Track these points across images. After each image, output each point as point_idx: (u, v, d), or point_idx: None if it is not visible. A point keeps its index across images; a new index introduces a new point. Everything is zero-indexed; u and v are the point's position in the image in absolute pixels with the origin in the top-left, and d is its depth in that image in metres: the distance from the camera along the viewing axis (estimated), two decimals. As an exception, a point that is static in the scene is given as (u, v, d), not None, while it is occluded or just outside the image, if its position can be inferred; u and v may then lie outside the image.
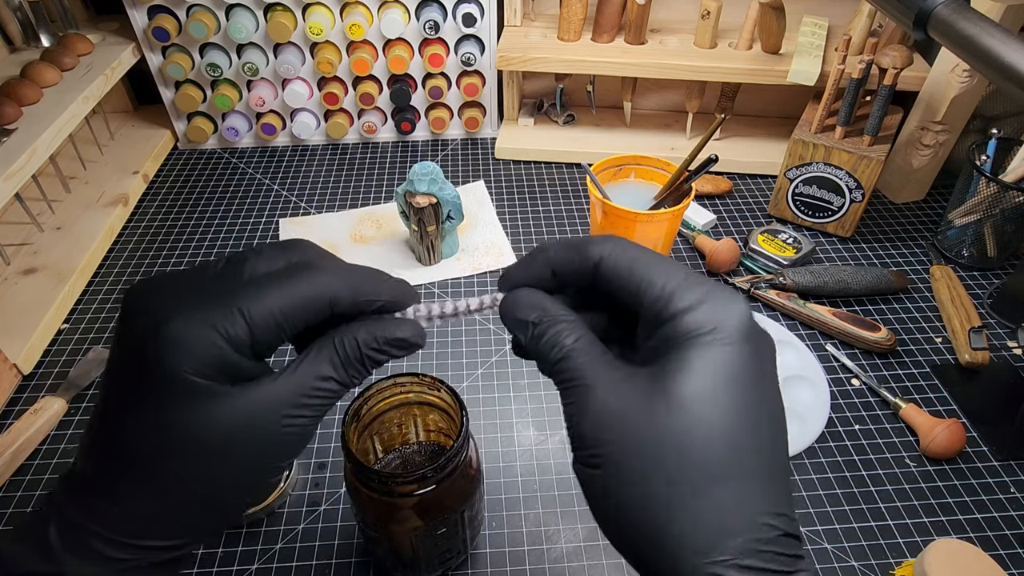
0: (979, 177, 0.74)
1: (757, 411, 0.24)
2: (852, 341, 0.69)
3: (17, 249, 0.78)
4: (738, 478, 0.23)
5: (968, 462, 0.59)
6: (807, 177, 0.81)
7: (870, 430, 0.62)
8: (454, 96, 0.99)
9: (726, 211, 0.88)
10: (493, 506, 0.55)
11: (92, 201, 0.86)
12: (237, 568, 0.51)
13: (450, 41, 0.94)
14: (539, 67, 0.91)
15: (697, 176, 0.65)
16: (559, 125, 1.02)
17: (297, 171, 0.96)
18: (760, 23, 0.87)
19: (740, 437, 0.24)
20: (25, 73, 0.80)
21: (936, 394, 0.65)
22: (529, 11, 0.98)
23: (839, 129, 0.77)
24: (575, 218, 0.87)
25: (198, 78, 0.95)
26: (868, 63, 0.74)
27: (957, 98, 0.79)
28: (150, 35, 0.89)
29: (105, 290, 0.76)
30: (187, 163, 0.98)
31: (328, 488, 0.57)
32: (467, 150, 1.01)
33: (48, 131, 0.73)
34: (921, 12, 0.55)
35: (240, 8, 0.89)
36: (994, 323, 0.72)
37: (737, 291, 0.26)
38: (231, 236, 0.84)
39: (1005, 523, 0.55)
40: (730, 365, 0.24)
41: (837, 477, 0.58)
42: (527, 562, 0.52)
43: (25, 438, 0.58)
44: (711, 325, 0.24)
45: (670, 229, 0.68)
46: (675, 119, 1.04)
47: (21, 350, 0.66)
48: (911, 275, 0.78)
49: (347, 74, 0.95)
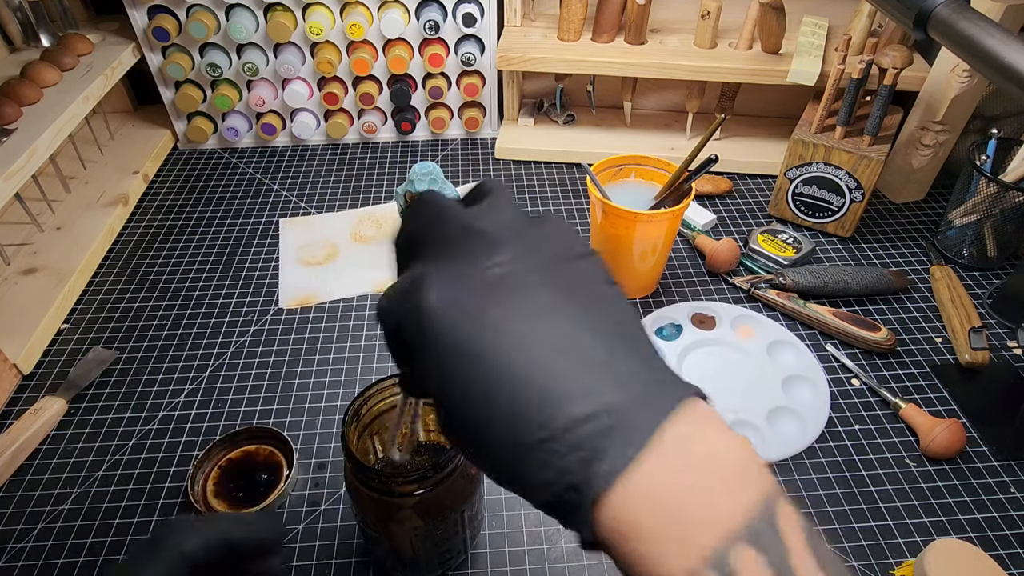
0: (979, 177, 0.74)
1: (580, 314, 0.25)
2: (852, 341, 0.69)
3: (17, 249, 0.78)
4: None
5: (968, 462, 0.59)
6: (807, 177, 0.81)
7: (870, 430, 0.62)
8: (454, 96, 0.99)
9: (726, 211, 0.88)
10: (493, 506, 0.55)
11: (92, 201, 0.86)
12: (237, 568, 0.51)
13: (450, 41, 0.94)
14: (539, 67, 0.91)
15: (697, 176, 0.65)
16: (559, 125, 1.02)
17: (297, 171, 0.96)
18: (760, 23, 0.87)
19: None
20: (25, 73, 0.80)
21: (936, 394, 0.65)
22: (529, 11, 0.98)
23: (839, 129, 0.77)
24: (575, 218, 0.87)
25: (198, 78, 0.95)
26: (868, 63, 0.74)
27: (957, 98, 0.79)
28: (150, 35, 0.89)
29: (105, 290, 0.76)
30: (187, 163, 0.98)
31: (328, 488, 0.57)
32: (467, 150, 1.01)
33: (48, 131, 0.73)
34: (921, 12, 0.55)
35: (240, 8, 0.89)
36: (994, 323, 0.72)
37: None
38: (231, 236, 0.84)
39: (1005, 523, 0.55)
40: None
41: (837, 477, 0.58)
42: (527, 562, 0.52)
43: (25, 438, 0.58)
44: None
45: (670, 229, 0.68)
46: (675, 119, 1.04)
47: (21, 350, 0.66)
48: (911, 275, 0.78)
49: (347, 74, 0.95)
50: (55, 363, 0.68)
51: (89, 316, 0.73)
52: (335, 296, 0.75)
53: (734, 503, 0.22)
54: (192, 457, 0.59)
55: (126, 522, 0.54)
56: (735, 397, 0.63)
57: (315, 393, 0.64)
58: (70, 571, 0.51)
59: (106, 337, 0.71)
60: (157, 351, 0.69)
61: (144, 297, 0.75)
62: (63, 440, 0.61)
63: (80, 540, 0.53)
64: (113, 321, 0.72)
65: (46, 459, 0.59)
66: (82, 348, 0.69)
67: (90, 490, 0.57)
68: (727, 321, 0.71)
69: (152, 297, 0.75)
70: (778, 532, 0.22)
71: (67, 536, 0.53)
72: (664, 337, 0.69)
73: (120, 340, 0.70)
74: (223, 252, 0.82)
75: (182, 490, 0.56)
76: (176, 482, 0.57)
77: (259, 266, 0.79)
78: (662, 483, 0.22)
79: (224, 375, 0.66)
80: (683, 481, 0.22)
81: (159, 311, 0.74)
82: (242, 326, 0.72)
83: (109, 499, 0.56)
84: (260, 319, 0.72)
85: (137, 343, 0.70)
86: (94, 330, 0.71)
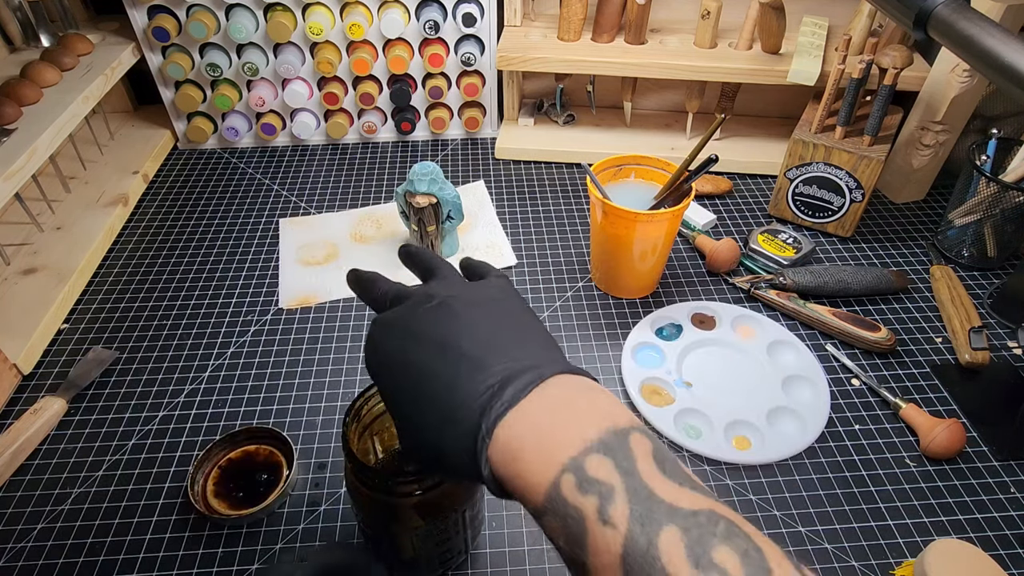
0: (979, 177, 0.74)
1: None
2: (852, 341, 0.69)
3: (17, 249, 0.78)
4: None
5: (968, 462, 0.59)
6: (807, 177, 0.81)
7: (870, 430, 0.62)
8: (454, 96, 0.99)
9: (726, 211, 0.88)
10: (493, 506, 0.55)
11: (92, 201, 0.86)
12: (237, 568, 0.51)
13: (450, 41, 0.94)
14: (539, 67, 0.91)
15: (697, 176, 0.65)
16: (559, 125, 1.02)
17: (297, 171, 0.96)
18: (760, 23, 0.87)
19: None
20: (25, 73, 0.80)
21: (936, 394, 0.65)
22: (529, 11, 0.98)
23: (839, 129, 0.77)
24: (575, 218, 0.87)
25: (198, 78, 0.95)
26: (868, 63, 0.74)
27: (957, 98, 0.79)
28: (150, 35, 0.89)
29: (105, 290, 0.76)
30: (187, 163, 0.98)
31: (328, 488, 0.57)
32: (467, 150, 1.01)
33: (48, 131, 0.73)
34: (921, 12, 0.55)
35: (240, 8, 0.89)
36: (994, 323, 0.72)
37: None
38: (231, 236, 0.84)
39: (1005, 523, 0.55)
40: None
41: (837, 477, 0.58)
42: (527, 562, 0.52)
43: (25, 438, 0.58)
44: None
45: (670, 229, 0.68)
46: (675, 119, 1.04)
47: (21, 350, 0.66)
48: (911, 275, 0.78)
49: (347, 74, 0.95)
50: (55, 363, 0.68)
51: (89, 316, 0.73)
52: (335, 296, 0.75)
53: (590, 428, 0.28)
54: (192, 457, 0.59)
55: (126, 522, 0.54)
56: (735, 397, 0.63)
57: (315, 393, 0.64)
58: (70, 571, 0.51)
59: (106, 337, 0.71)
60: (157, 351, 0.69)
61: (144, 297, 0.75)
62: (63, 440, 0.61)
63: (80, 540, 0.53)
64: (113, 321, 0.72)
65: (46, 459, 0.59)
66: (82, 348, 0.69)
67: (90, 490, 0.57)
68: (727, 321, 0.71)
69: (152, 297, 0.75)
70: (628, 448, 0.27)
71: (67, 536, 0.53)
72: (664, 337, 0.69)
73: (120, 340, 0.70)
74: (223, 252, 0.82)
75: (182, 490, 0.56)
76: (176, 482, 0.57)
77: (259, 266, 0.79)
78: (533, 420, 0.29)
79: (224, 375, 0.66)
80: (549, 417, 0.29)
81: (159, 311, 0.74)
82: (242, 326, 0.72)
83: (109, 499, 0.56)
84: (260, 319, 0.72)
85: (137, 343, 0.70)
86: (94, 330, 0.71)
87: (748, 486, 0.57)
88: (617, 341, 0.70)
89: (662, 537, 0.25)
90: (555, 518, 0.27)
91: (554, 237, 0.84)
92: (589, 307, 0.74)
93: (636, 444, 0.28)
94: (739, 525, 0.25)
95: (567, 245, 0.83)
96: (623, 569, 0.25)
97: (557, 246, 0.82)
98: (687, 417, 0.62)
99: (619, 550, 0.25)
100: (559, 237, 0.84)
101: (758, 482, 0.57)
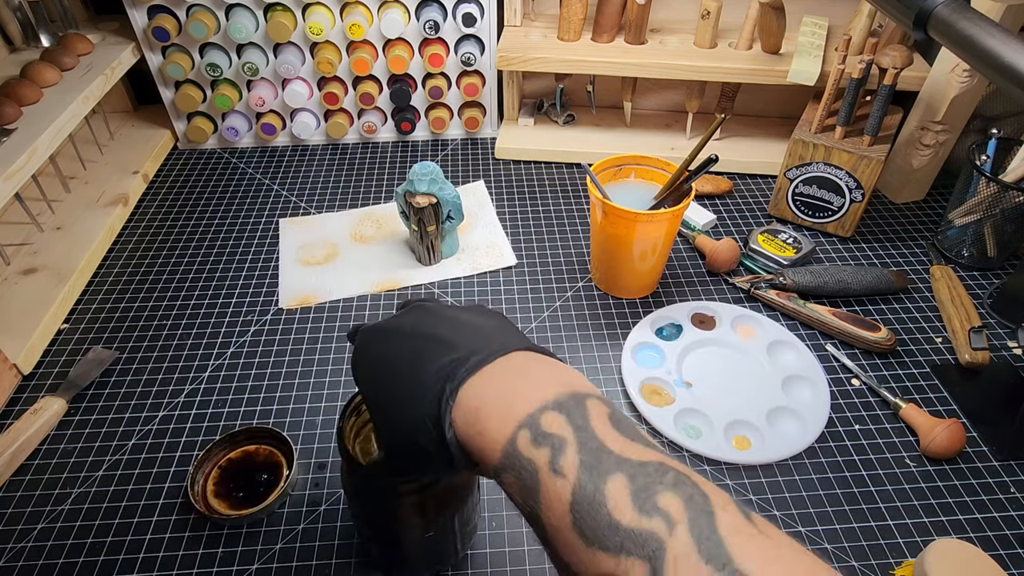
0: (979, 177, 0.74)
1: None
2: (852, 341, 0.69)
3: (17, 249, 0.78)
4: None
5: (968, 462, 0.59)
6: (807, 177, 0.81)
7: (870, 430, 0.62)
8: (454, 96, 0.99)
9: (726, 211, 0.88)
10: (493, 506, 0.55)
11: (92, 201, 0.86)
12: (237, 568, 0.51)
13: (450, 41, 0.94)
14: (539, 67, 0.91)
15: (697, 176, 0.65)
16: (559, 125, 1.02)
17: (297, 171, 0.96)
18: (760, 23, 0.87)
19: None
20: (25, 73, 0.80)
21: (936, 394, 0.65)
22: (529, 11, 0.98)
23: (839, 129, 0.77)
24: (575, 218, 0.87)
25: (198, 78, 0.95)
26: (868, 63, 0.74)
27: (957, 98, 0.79)
28: (150, 35, 0.89)
29: (105, 290, 0.76)
30: (187, 163, 0.98)
31: (328, 488, 0.57)
32: (467, 150, 1.01)
33: (48, 131, 0.73)
34: (921, 12, 0.55)
35: (240, 8, 0.89)
36: (994, 323, 0.72)
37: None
38: (231, 236, 0.84)
39: (1005, 523, 0.55)
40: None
41: (837, 477, 0.58)
42: (527, 562, 0.52)
43: (25, 438, 0.58)
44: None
45: (670, 229, 0.68)
46: (675, 119, 1.04)
47: (21, 350, 0.66)
48: (911, 275, 0.78)
49: (347, 74, 0.95)
50: (55, 363, 0.68)
51: (89, 316, 0.73)
52: (335, 296, 0.75)
53: (547, 390, 0.30)
54: (192, 457, 0.59)
55: (126, 522, 0.54)
56: (735, 397, 0.63)
57: (315, 393, 0.64)
58: (70, 571, 0.51)
59: (106, 337, 0.71)
60: (157, 351, 0.69)
61: (144, 297, 0.75)
62: (63, 440, 0.61)
63: (80, 540, 0.53)
64: (113, 321, 0.72)
65: (46, 459, 0.59)
66: (82, 348, 0.69)
67: (90, 490, 0.57)
68: (727, 321, 0.71)
69: (152, 297, 0.75)
70: (584, 407, 0.29)
71: (67, 536, 0.53)
72: (664, 337, 0.69)
73: (120, 340, 0.70)
74: (223, 252, 0.82)
75: (182, 490, 0.56)
76: (176, 482, 0.57)
77: (259, 266, 0.79)
78: (495, 383, 0.31)
79: (224, 375, 0.66)
80: (512, 380, 0.31)
81: (159, 311, 0.74)
82: (242, 326, 0.72)
83: (109, 499, 0.56)
84: (260, 319, 0.72)
85: (137, 343, 0.70)
86: (94, 330, 0.71)
87: (748, 486, 0.57)
88: (617, 341, 0.70)
89: (609, 484, 0.26)
90: (511, 473, 0.28)
91: (554, 237, 0.84)
92: (589, 307, 0.74)
93: (592, 406, 0.29)
94: (688, 475, 0.26)
95: (567, 245, 0.83)
96: (572, 515, 0.26)
97: (557, 246, 0.82)
98: (687, 417, 0.62)
99: (568, 498, 0.26)
100: (559, 237, 0.84)
101: (758, 482, 0.57)
